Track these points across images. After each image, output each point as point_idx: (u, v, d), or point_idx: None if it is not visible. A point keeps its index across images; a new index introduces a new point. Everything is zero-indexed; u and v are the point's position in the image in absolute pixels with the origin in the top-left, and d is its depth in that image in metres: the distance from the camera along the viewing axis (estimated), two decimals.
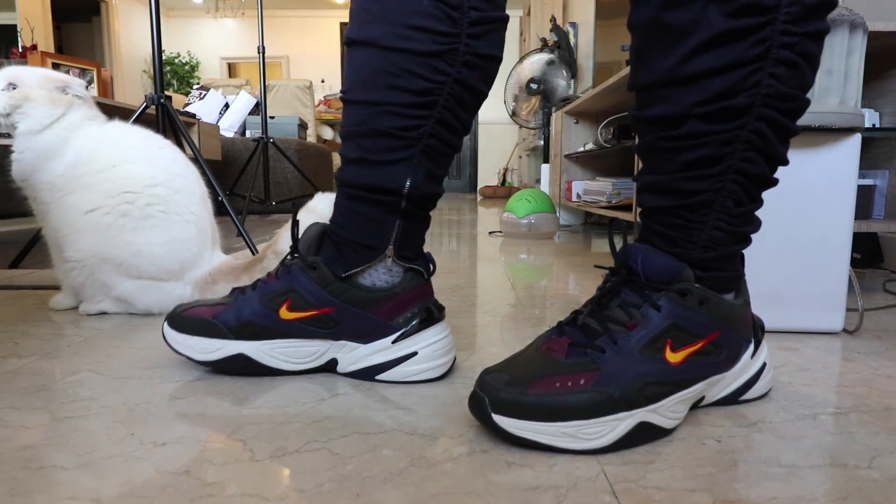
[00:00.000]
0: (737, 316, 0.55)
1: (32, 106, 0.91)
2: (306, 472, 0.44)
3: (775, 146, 0.50)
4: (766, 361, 0.59)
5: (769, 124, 0.49)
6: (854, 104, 0.79)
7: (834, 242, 0.82)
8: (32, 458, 0.46)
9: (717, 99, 0.48)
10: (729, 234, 0.53)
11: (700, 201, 0.51)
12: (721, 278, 0.55)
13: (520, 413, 0.47)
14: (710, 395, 0.56)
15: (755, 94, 0.47)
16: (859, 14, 0.77)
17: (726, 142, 0.49)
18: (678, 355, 0.51)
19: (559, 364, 0.50)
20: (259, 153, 2.65)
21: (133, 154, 0.91)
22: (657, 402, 0.49)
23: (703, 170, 0.50)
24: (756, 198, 0.53)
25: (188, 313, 0.65)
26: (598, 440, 0.47)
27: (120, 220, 0.88)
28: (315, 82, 7.32)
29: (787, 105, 0.48)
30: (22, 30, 5.07)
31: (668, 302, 0.51)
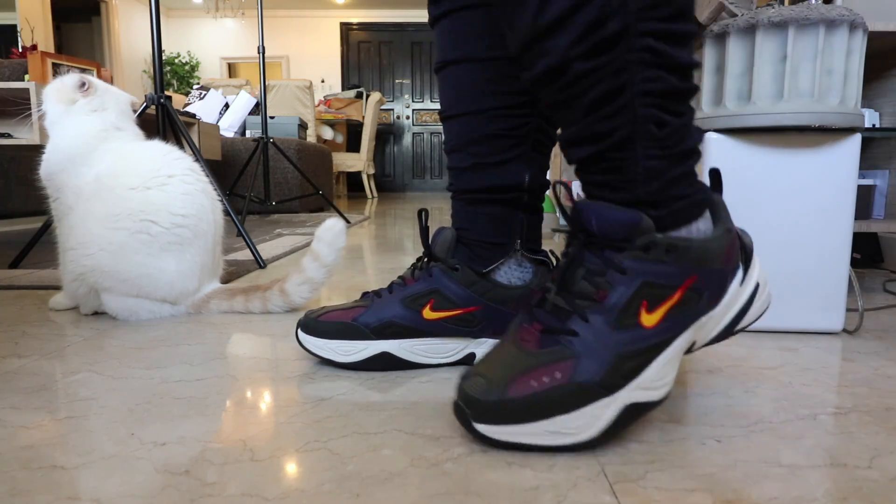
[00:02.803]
0: (713, 251, 0.50)
1: (46, 102, 0.95)
2: (306, 472, 0.44)
3: (673, 55, 0.46)
4: (759, 281, 0.55)
5: (655, 37, 0.45)
6: (854, 104, 0.79)
7: (834, 242, 0.82)
8: (32, 458, 0.46)
9: (587, 34, 0.45)
10: (666, 158, 0.49)
11: (620, 137, 0.48)
12: (679, 209, 0.50)
13: (501, 419, 0.46)
14: (700, 338, 0.53)
15: (626, 14, 0.44)
16: (859, 14, 0.77)
17: (619, 70, 0.46)
18: (655, 315, 0.48)
19: (534, 357, 0.48)
20: (259, 153, 2.65)
21: (171, 184, 0.92)
22: (638, 377, 0.47)
23: (608, 106, 0.47)
24: (680, 111, 0.49)
25: (324, 318, 0.67)
26: (584, 433, 0.46)
27: (137, 241, 0.88)
28: (315, 82, 7.32)
29: (662, 12, 0.45)
30: (22, 30, 5.07)
31: (633, 261, 0.48)
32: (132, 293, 0.89)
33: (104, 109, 0.97)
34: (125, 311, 0.90)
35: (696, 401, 0.59)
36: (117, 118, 0.98)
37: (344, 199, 5.31)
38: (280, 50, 7.56)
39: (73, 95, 0.96)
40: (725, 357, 0.74)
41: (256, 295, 0.95)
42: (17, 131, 1.84)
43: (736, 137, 0.82)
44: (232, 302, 0.96)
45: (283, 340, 0.80)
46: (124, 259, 0.87)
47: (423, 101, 7.29)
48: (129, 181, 0.89)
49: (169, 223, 0.89)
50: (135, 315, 0.91)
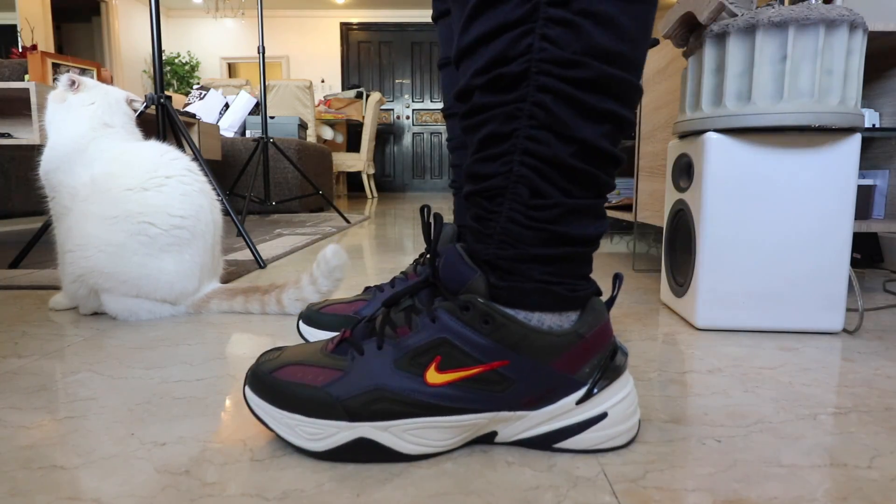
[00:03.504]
0: (542, 347, 0.45)
1: (47, 105, 0.97)
2: (306, 472, 0.44)
3: (569, 124, 0.43)
4: (612, 413, 0.47)
5: (555, 96, 0.42)
6: (854, 104, 0.79)
7: (834, 242, 0.82)
8: (32, 458, 0.46)
9: (491, 66, 0.43)
10: (530, 230, 0.45)
11: (492, 186, 0.45)
12: (526, 290, 0.45)
13: (261, 391, 0.48)
14: (505, 434, 0.48)
15: (529, 60, 0.42)
16: (859, 14, 0.77)
17: (510, 116, 0.43)
18: (442, 377, 0.45)
19: (322, 356, 0.49)
20: (259, 153, 2.65)
21: (168, 185, 0.92)
22: (387, 421, 0.45)
23: (491, 149, 0.45)
24: (567, 189, 0.44)
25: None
26: (314, 442, 0.45)
27: (136, 242, 0.88)
28: (315, 82, 7.32)
29: (572, 73, 0.41)
30: (22, 30, 5.07)
31: (445, 314, 0.45)
32: (132, 293, 0.89)
33: (92, 104, 0.97)
34: (125, 311, 0.90)
35: (696, 401, 0.59)
36: (104, 113, 0.97)
37: (344, 199, 5.31)
38: (280, 50, 7.56)
39: (64, 94, 0.97)
40: (725, 357, 0.74)
41: (255, 297, 0.95)
42: (17, 131, 1.84)
43: (736, 137, 0.82)
44: (232, 302, 0.96)
45: (282, 340, 0.80)
46: (123, 260, 0.87)
47: (423, 101, 7.29)
48: (125, 182, 0.89)
49: (167, 225, 0.89)
50: (134, 315, 0.91)
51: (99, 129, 0.95)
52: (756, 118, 0.78)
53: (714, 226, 0.84)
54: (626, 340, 0.81)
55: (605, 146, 0.44)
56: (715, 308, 0.85)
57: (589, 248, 0.47)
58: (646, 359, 0.72)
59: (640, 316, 0.95)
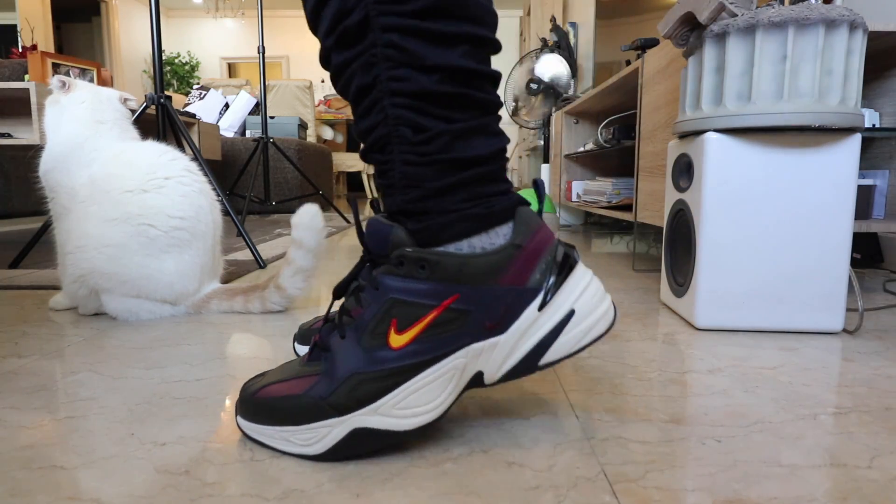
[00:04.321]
0: (482, 268, 0.45)
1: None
2: (306, 472, 0.44)
3: (424, 55, 0.43)
4: (577, 308, 0.46)
5: (401, 33, 0.43)
6: (854, 104, 0.79)
7: (834, 242, 0.82)
8: (32, 458, 0.46)
9: (335, 24, 0.44)
10: (427, 166, 0.45)
11: (377, 137, 0.46)
12: (443, 223, 0.45)
13: (250, 415, 0.48)
14: (489, 370, 0.47)
15: (366, 6, 0.43)
16: (859, 14, 0.77)
17: (368, 65, 0.44)
18: (404, 336, 0.44)
19: (299, 368, 0.49)
20: (259, 153, 2.65)
21: (167, 186, 0.91)
22: (373, 403, 0.44)
23: (364, 102, 0.46)
24: (446, 115, 0.45)
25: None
26: (311, 447, 0.45)
27: (136, 243, 0.88)
28: (315, 82, 7.32)
29: (409, 7, 0.42)
30: (22, 30, 5.07)
31: (386, 276, 0.45)
32: (132, 294, 0.89)
33: (82, 103, 0.97)
34: (125, 311, 0.90)
35: (696, 401, 0.59)
36: (96, 111, 0.97)
37: (344, 199, 5.31)
38: (280, 50, 7.56)
39: (57, 97, 0.98)
40: (725, 357, 0.74)
41: (255, 294, 0.95)
42: (17, 131, 1.84)
43: (736, 137, 0.82)
44: (232, 302, 0.96)
45: (282, 340, 0.80)
46: (123, 261, 0.87)
47: None
48: (124, 184, 0.89)
49: (167, 226, 0.89)
50: (135, 315, 0.91)
51: (91, 126, 0.96)
52: (756, 118, 0.78)
53: (714, 226, 0.84)
54: (626, 340, 0.81)
55: (469, 65, 0.44)
56: (715, 308, 0.85)
57: (490, 166, 0.47)
58: (646, 359, 0.72)
59: (640, 316, 0.95)
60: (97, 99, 0.99)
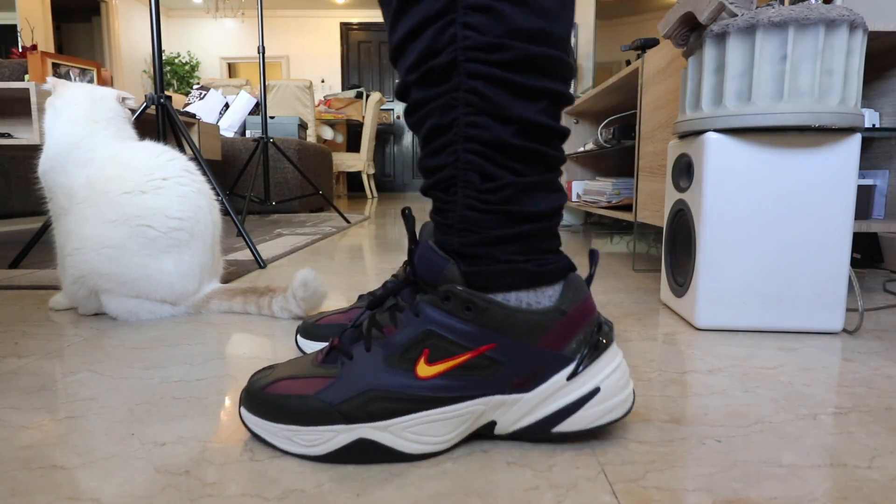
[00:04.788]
0: (526, 326, 0.45)
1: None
2: (306, 472, 0.44)
3: (505, 105, 0.44)
4: (604, 387, 0.47)
5: (486, 81, 0.43)
6: (854, 104, 0.79)
7: (834, 242, 0.82)
8: (32, 458, 0.46)
9: (421, 61, 0.44)
10: (487, 214, 0.45)
11: (444, 178, 0.46)
12: (495, 272, 0.46)
13: (255, 409, 0.48)
14: (504, 422, 0.47)
15: (455, 50, 0.43)
16: (859, 14, 0.77)
17: (447, 106, 0.44)
18: (433, 368, 0.45)
19: (312, 367, 0.49)
20: (259, 153, 2.65)
21: (166, 187, 0.91)
22: (384, 420, 0.45)
23: (436, 141, 0.46)
24: (515, 168, 0.45)
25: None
26: (313, 448, 0.45)
27: (135, 244, 0.88)
28: (315, 82, 7.32)
29: (497, 56, 0.43)
30: (22, 30, 5.07)
31: (428, 306, 0.45)
32: (132, 294, 0.89)
33: (76, 105, 0.97)
34: (125, 312, 0.90)
35: (696, 401, 0.59)
36: (89, 111, 0.97)
37: (344, 199, 5.31)
38: (280, 50, 7.56)
39: (52, 98, 0.98)
40: (725, 357, 0.74)
41: (252, 298, 0.95)
42: (17, 131, 1.84)
43: (736, 137, 0.82)
44: (231, 302, 0.96)
45: (282, 340, 0.80)
46: (122, 261, 0.87)
47: None
48: (123, 185, 0.89)
49: (165, 227, 0.89)
50: (135, 316, 0.91)
51: (86, 126, 0.95)
52: (756, 118, 0.78)
53: (714, 226, 0.84)
54: (626, 340, 0.81)
55: (545, 121, 0.45)
56: (715, 308, 0.85)
57: (548, 222, 0.48)
58: (646, 359, 0.72)
59: (640, 316, 0.95)
60: (91, 99, 0.99)
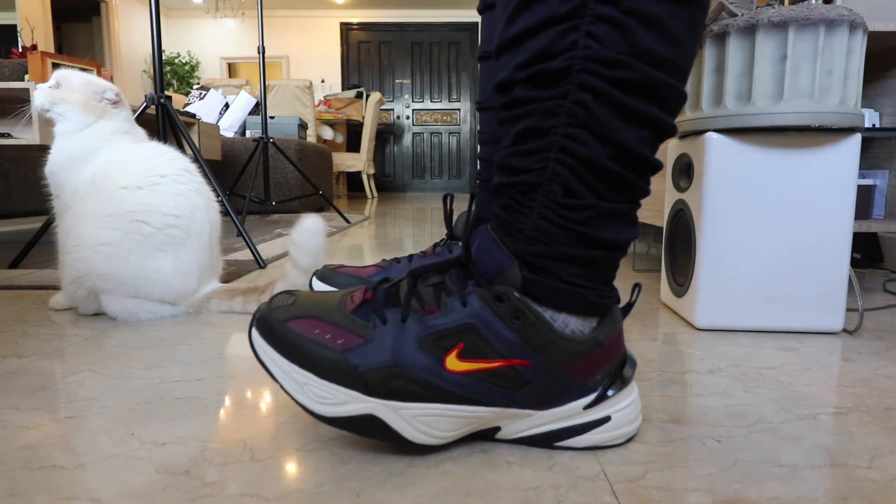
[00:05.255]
0: (563, 351, 0.45)
1: (67, 108, 0.94)
2: (306, 472, 0.44)
3: (610, 126, 0.42)
4: (613, 417, 0.48)
5: (596, 96, 0.41)
6: (854, 104, 0.79)
7: (834, 242, 0.82)
8: (32, 458, 0.46)
9: (534, 61, 0.43)
10: (561, 229, 0.44)
11: (527, 181, 0.45)
12: (555, 289, 0.45)
13: (272, 340, 0.46)
14: (508, 430, 0.48)
15: (573, 57, 0.41)
16: (859, 14, 0.77)
17: (549, 112, 0.43)
18: (462, 365, 0.44)
19: (341, 315, 0.47)
20: (259, 153, 2.65)
21: (163, 184, 0.91)
22: (400, 401, 0.44)
23: (528, 143, 0.45)
24: (600, 191, 0.44)
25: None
26: (322, 405, 0.44)
27: (131, 241, 0.87)
28: (315, 82, 7.32)
29: (615, 74, 0.41)
30: (22, 30, 5.07)
31: (478, 301, 0.44)
32: (130, 294, 0.89)
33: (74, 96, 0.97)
34: (125, 312, 0.90)
35: (696, 401, 0.59)
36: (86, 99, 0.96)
37: (344, 199, 5.31)
38: (280, 50, 7.56)
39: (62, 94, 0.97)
40: (725, 357, 0.74)
41: (253, 297, 0.95)
42: (16, 131, 1.84)
43: (736, 137, 0.82)
44: (232, 302, 0.96)
45: None
46: (119, 260, 0.87)
47: (423, 101, 7.29)
48: (120, 181, 0.89)
49: (160, 223, 0.89)
50: (135, 316, 0.91)
51: (118, 135, 0.97)
52: (756, 118, 0.78)
53: (714, 226, 0.84)
54: (626, 340, 0.81)
55: (644, 151, 0.44)
56: (715, 308, 0.85)
57: (618, 253, 0.47)
58: (646, 359, 0.72)
59: (640, 316, 0.95)
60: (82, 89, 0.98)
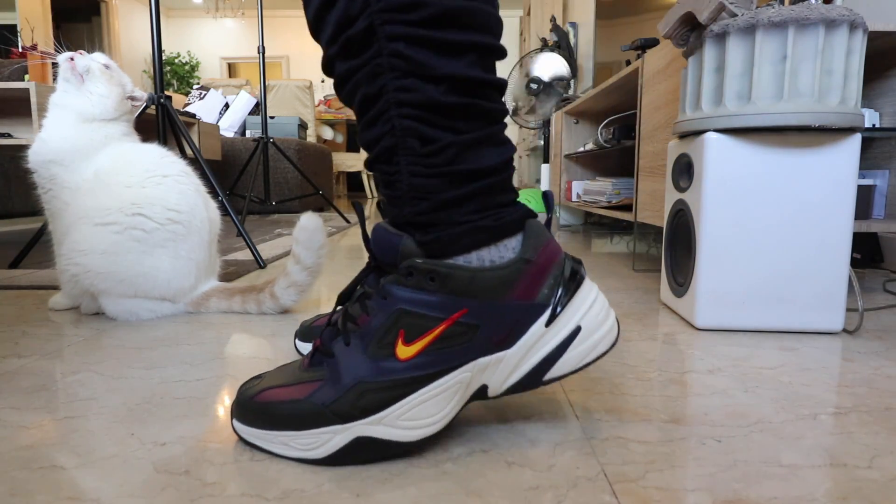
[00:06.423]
0: (492, 282, 0.44)
1: (106, 92, 0.94)
2: (306, 472, 0.44)
3: (431, 64, 0.42)
4: (584, 325, 0.47)
5: (407, 42, 0.42)
6: (854, 104, 0.79)
7: (834, 242, 0.82)
8: (32, 458, 0.46)
9: (338, 31, 0.43)
10: (435, 178, 0.44)
11: (384, 148, 0.45)
12: (454, 234, 0.45)
13: (247, 419, 0.47)
14: (494, 383, 0.47)
15: (371, 14, 0.42)
16: (859, 14, 0.77)
17: (373, 74, 0.43)
18: (411, 348, 0.44)
19: (300, 373, 0.48)
20: (259, 153, 2.65)
21: (165, 183, 0.91)
22: (378, 413, 0.44)
23: (369, 111, 0.45)
24: (454, 126, 0.44)
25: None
26: (311, 451, 0.45)
27: (130, 238, 0.87)
28: (315, 82, 7.32)
29: (415, 15, 0.42)
30: (22, 30, 5.07)
31: (394, 286, 0.44)
32: (129, 293, 0.89)
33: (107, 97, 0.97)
34: (125, 312, 0.90)
35: (696, 401, 0.59)
36: (118, 105, 0.97)
37: (344, 199, 5.31)
38: (280, 50, 7.56)
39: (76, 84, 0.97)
40: (725, 357, 0.74)
41: (252, 296, 0.95)
42: (17, 131, 1.84)
43: (736, 137, 0.82)
44: (230, 302, 0.96)
45: (281, 340, 0.80)
46: (118, 259, 0.87)
47: None
48: (125, 179, 0.90)
49: (163, 218, 0.89)
50: (135, 315, 0.91)
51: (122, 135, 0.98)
52: (756, 118, 0.78)
53: (714, 226, 0.84)
54: (626, 340, 0.81)
55: (477, 75, 0.44)
56: (715, 308, 0.85)
57: (498, 176, 0.47)
58: (646, 359, 0.72)
59: (640, 316, 0.95)
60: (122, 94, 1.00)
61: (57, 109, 0.94)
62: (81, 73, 0.94)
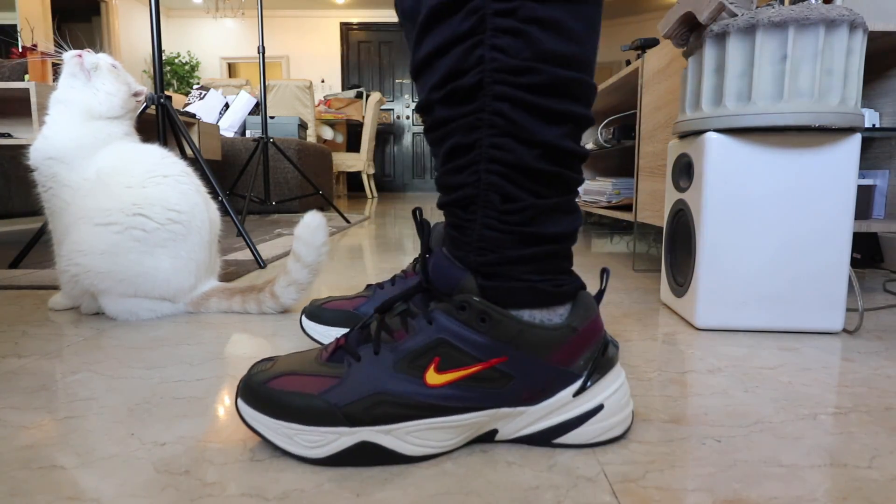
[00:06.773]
0: (538, 341, 0.46)
1: (113, 90, 0.94)
2: (306, 472, 0.44)
3: (531, 129, 0.44)
4: (607, 405, 0.48)
5: (512, 104, 0.43)
6: (854, 104, 0.79)
7: (834, 242, 0.82)
8: (32, 458, 0.46)
9: (446, 80, 0.44)
10: (506, 234, 0.46)
11: (464, 196, 0.46)
12: (511, 289, 0.47)
13: (255, 403, 0.47)
14: (505, 431, 0.48)
15: (482, 71, 0.43)
16: (859, 14, 0.77)
17: (471, 127, 0.45)
18: (442, 377, 0.45)
19: (316, 365, 0.48)
20: (259, 153, 2.65)
21: (166, 183, 0.91)
22: (388, 424, 0.45)
23: (457, 160, 0.46)
24: (536, 191, 0.46)
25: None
26: (314, 449, 0.45)
27: (130, 238, 0.87)
28: (315, 82, 7.32)
29: (525, 80, 0.43)
30: (22, 30, 5.07)
31: (442, 315, 0.46)
32: (129, 293, 0.89)
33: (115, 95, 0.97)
34: (125, 312, 0.90)
35: (696, 401, 0.59)
36: (125, 103, 0.97)
37: (344, 199, 5.31)
38: (280, 50, 7.56)
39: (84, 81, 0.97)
40: (725, 357, 0.74)
41: (252, 296, 0.95)
42: (17, 131, 1.84)
43: (736, 137, 0.82)
44: (230, 302, 0.96)
45: (281, 340, 0.80)
46: (118, 258, 0.87)
47: None
48: (125, 179, 0.90)
49: (164, 218, 0.89)
50: (135, 315, 0.91)
51: (123, 136, 0.98)
52: (756, 118, 0.78)
53: (714, 226, 0.84)
54: (626, 340, 0.81)
55: (568, 145, 0.45)
56: (715, 308, 0.85)
57: (565, 243, 0.48)
58: (646, 359, 0.72)
59: (640, 316, 0.95)
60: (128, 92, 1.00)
61: (60, 106, 0.93)
62: (89, 70, 0.94)
